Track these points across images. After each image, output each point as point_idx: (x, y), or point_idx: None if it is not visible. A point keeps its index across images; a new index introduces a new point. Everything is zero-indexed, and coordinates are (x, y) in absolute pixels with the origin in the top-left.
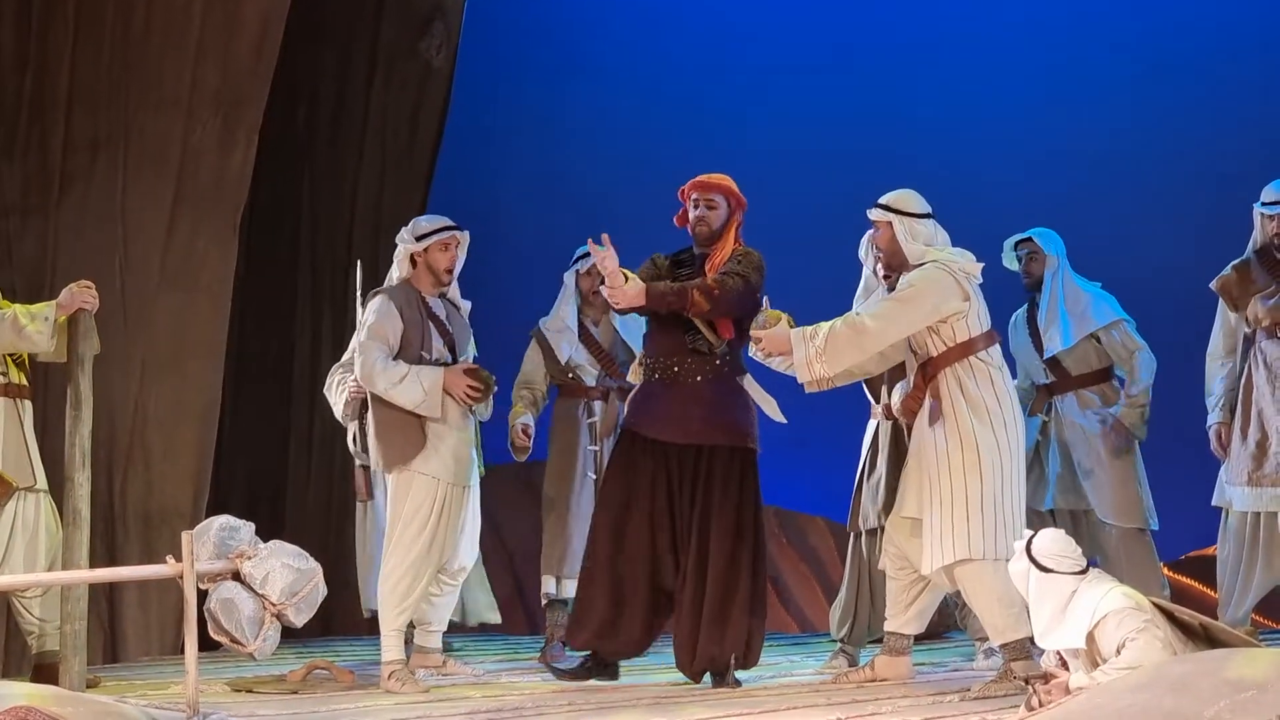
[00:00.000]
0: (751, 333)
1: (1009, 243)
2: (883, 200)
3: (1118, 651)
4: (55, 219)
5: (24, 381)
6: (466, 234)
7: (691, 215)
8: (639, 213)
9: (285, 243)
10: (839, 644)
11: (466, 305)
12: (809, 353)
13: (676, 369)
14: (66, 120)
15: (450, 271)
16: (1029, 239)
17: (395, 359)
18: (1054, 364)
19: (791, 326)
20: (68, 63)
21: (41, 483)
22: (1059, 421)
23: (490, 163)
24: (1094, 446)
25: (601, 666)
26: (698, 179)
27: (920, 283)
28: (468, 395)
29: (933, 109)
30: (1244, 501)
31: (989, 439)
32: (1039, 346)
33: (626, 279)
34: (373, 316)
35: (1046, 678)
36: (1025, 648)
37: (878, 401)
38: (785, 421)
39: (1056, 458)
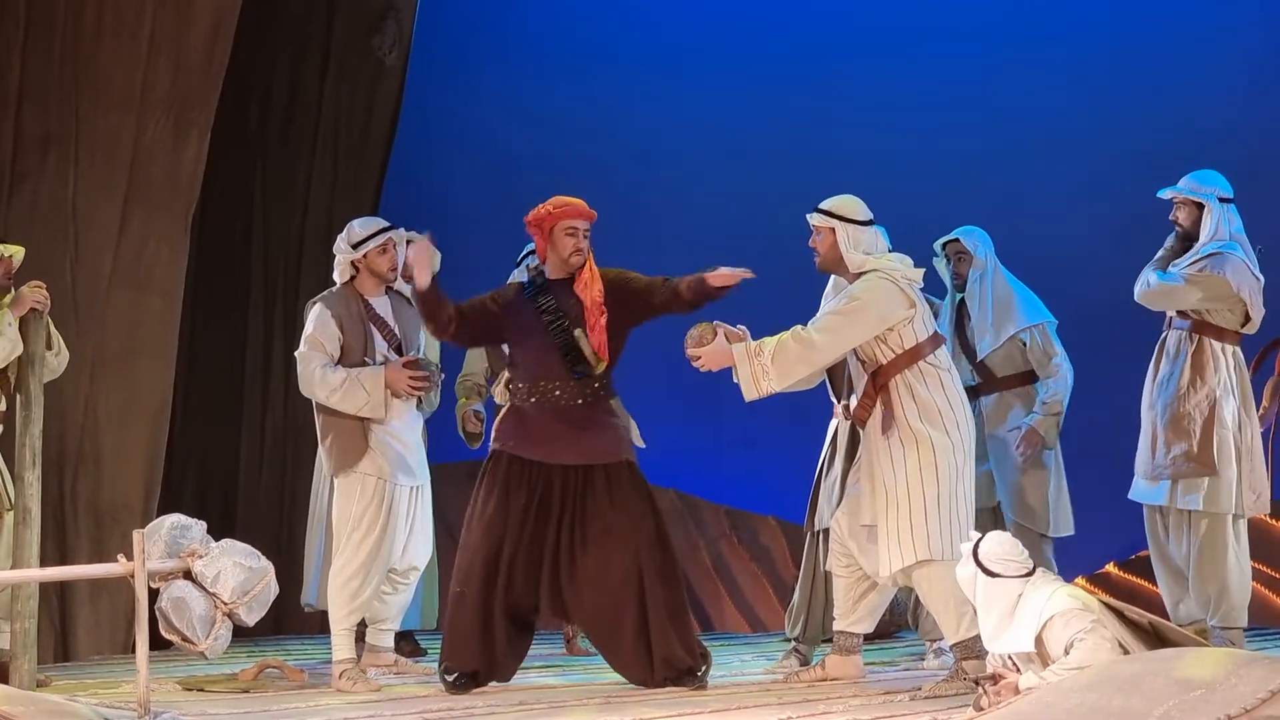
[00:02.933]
0: (688, 351)
1: (937, 244)
2: (825, 205)
3: (1066, 652)
4: (6, 216)
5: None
6: (402, 231)
7: (570, 245)
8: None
9: (237, 240)
10: (792, 643)
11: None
12: (755, 369)
13: (557, 392)
14: (17, 118)
15: (394, 270)
16: (956, 240)
17: (336, 365)
18: (980, 365)
19: (732, 340)
20: (18, 60)
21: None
22: (981, 421)
23: (442, 160)
24: (1009, 449)
25: (473, 680)
26: (575, 206)
27: (865, 294)
28: (411, 388)
29: (901, 102)
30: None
31: (943, 440)
32: (965, 347)
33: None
34: (310, 327)
35: (995, 678)
36: (977, 647)
37: (839, 400)
38: (644, 446)
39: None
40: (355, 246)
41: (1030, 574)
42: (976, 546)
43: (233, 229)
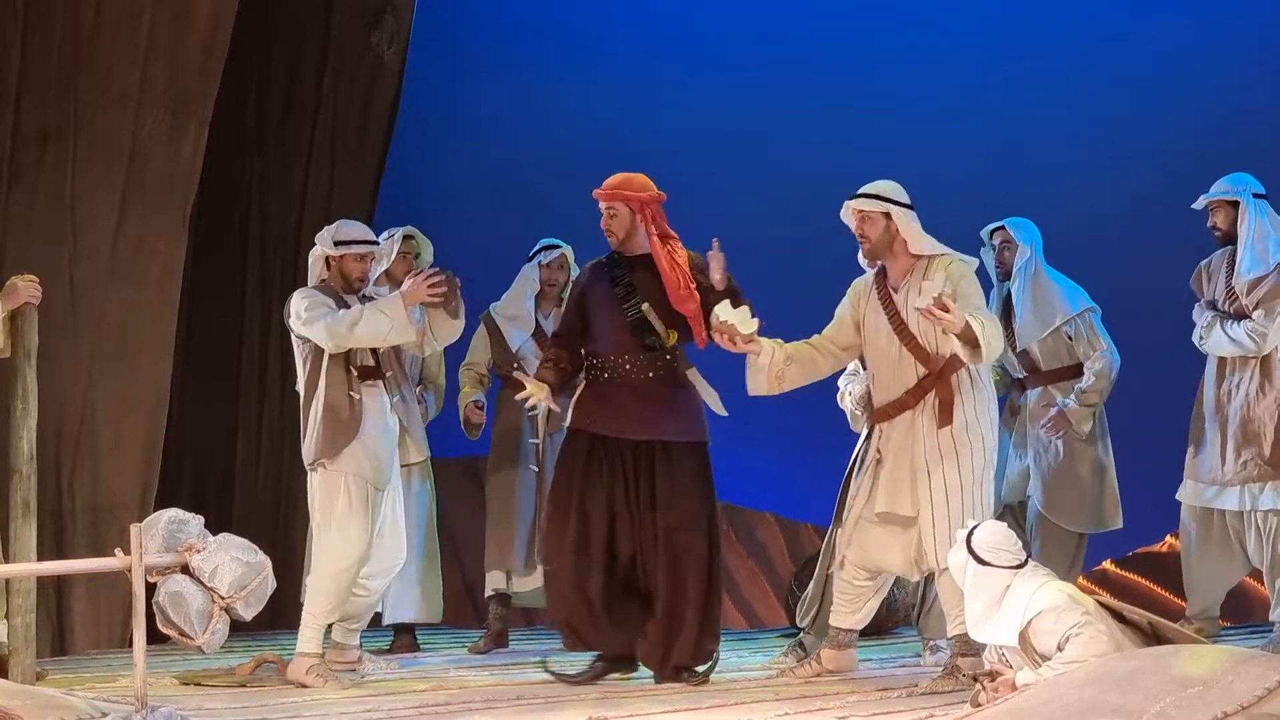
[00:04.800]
0: (940, 302)
1: (984, 232)
2: (873, 190)
3: (1059, 648)
4: (4, 212)
5: None
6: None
7: (602, 223)
8: (589, 206)
9: (235, 236)
10: (799, 634)
11: (384, 295)
12: (984, 339)
13: (628, 366)
14: (16, 113)
15: (363, 281)
16: (1002, 228)
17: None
18: (1025, 357)
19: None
20: (17, 56)
21: None
22: (1025, 415)
23: (440, 157)
24: (1049, 441)
25: (612, 662)
26: (604, 184)
27: (968, 277)
28: (433, 295)
29: (907, 98)
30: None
31: (991, 439)
32: (1011, 339)
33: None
34: (309, 300)
35: (993, 675)
36: (976, 643)
37: None
38: (726, 414)
39: (1014, 452)
40: (338, 245)
41: (1021, 566)
42: (970, 534)
43: (230, 224)
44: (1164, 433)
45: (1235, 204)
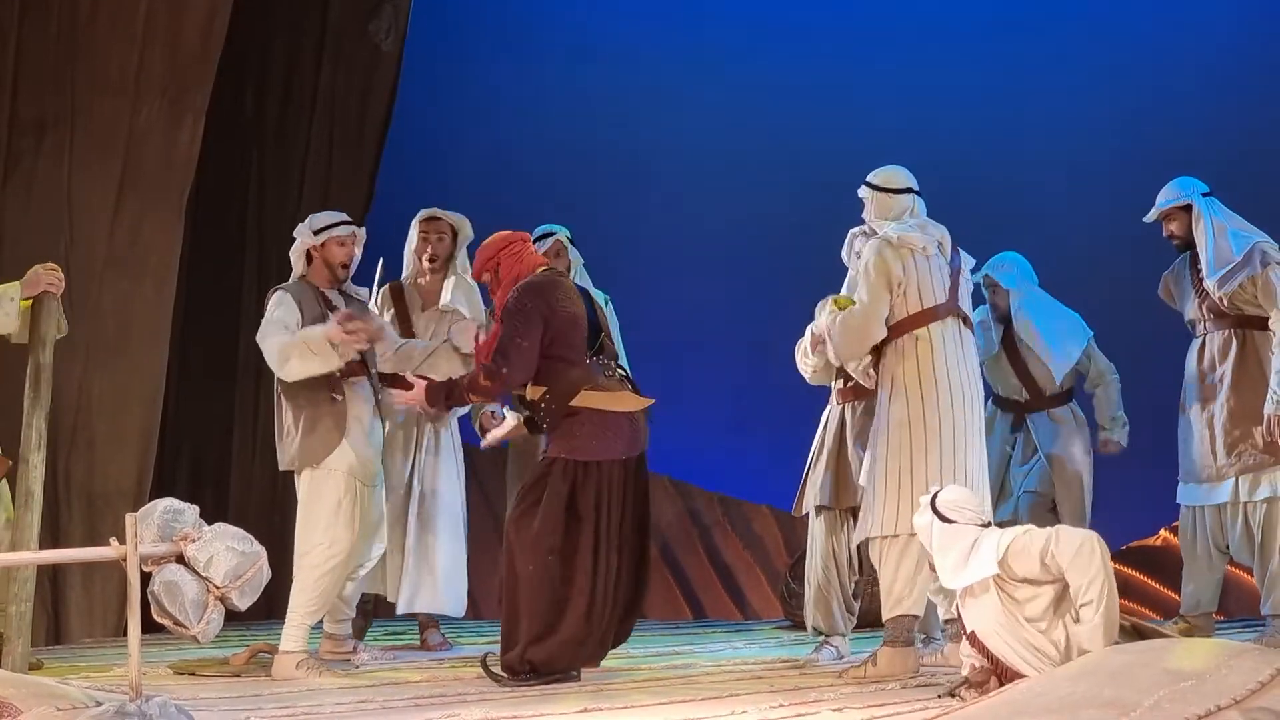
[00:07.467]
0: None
1: (976, 276)
2: (869, 176)
3: (1042, 562)
4: (0, 200)
5: None
6: (363, 231)
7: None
8: (588, 197)
9: (232, 226)
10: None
11: (365, 292)
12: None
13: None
14: (13, 102)
15: (346, 267)
16: (986, 275)
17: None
18: (1031, 383)
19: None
20: (14, 44)
21: None
22: (1028, 437)
23: (438, 147)
24: (1072, 455)
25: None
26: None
27: (865, 255)
28: (348, 340)
29: (905, 95)
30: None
31: (901, 414)
32: (1016, 367)
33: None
34: (276, 310)
35: (968, 683)
36: (908, 629)
37: (837, 383)
38: (653, 400)
39: (1019, 472)
40: (317, 233)
41: (986, 526)
42: (935, 497)
43: (228, 214)
44: (1159, 428)
45: (1187, 208)
